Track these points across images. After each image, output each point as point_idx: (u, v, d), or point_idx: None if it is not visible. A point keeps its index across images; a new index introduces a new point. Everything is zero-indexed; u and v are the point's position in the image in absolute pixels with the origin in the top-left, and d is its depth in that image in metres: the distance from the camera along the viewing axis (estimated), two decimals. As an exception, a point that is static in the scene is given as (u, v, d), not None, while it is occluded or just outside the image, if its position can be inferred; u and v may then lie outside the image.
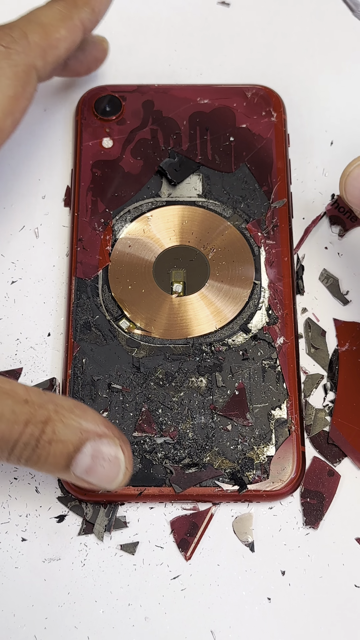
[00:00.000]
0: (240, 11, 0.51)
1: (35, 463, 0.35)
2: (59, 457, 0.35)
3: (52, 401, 0.35)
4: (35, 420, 0.35)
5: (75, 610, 0.38)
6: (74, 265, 0.44)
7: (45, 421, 0.35)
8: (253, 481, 0.39)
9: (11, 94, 0.38)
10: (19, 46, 0.38)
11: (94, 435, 0.35)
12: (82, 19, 0.41)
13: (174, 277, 0.43)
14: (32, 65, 0.39)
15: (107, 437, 0.35)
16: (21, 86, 0.38)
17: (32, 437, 0.35)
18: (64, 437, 0.35)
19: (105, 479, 0.35)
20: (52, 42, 0.39)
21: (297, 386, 0.41)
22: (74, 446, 0.35)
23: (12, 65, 0.38)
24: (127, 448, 0.36)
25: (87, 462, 0.35)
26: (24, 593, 0.38)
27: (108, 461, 0.35)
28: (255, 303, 0.43)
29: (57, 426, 0.35)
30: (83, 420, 0.35)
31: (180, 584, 0.38)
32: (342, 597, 0.38)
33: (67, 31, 0.40)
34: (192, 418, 0.40)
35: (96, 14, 0.41)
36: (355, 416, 0.41)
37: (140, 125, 0.47)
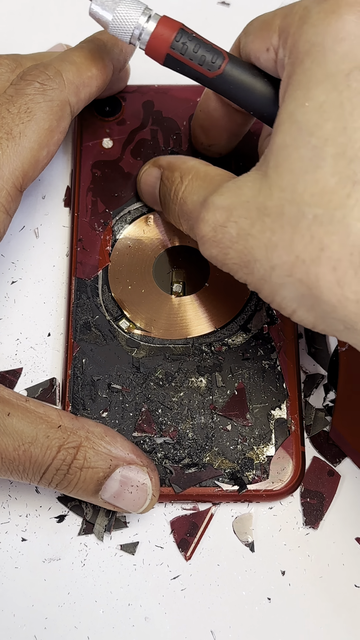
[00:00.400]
0: (240, 11, 0.51)
1: (64, 487, 0.37)
2: (89, 483, 0.37)
3: (84, 427, 0.37)
4: (67, 446, 0.36)
5: (75, 610, 0.38)
6: (74, 266, 0.44)
7: (77, 447, 0.36)
8: (253, 481, 0.39)
9: (47, 127, 0.40)
10: (54, 83, 0.40)
11: (123, 462, 0.37)
12: (112, 59, 0.43)
13: (174, 277, 0.43)
14: (66, 101, 0.41)
15: (136, 464, 0.37)
16: (56, 120, 0.40)
17: (64, 463, 0.36)
18: (95, 464, 0.36)
19: (132, 505, 0.37)
20: (85, 80, 0.41)
21: (297, 386, 0.41)
22: (103, 472, 0.37)
23: (48, 100, 0.40)
24: (155, 475, 0.38)
25: (115, 488, 0.37)
26: (24, 593, 0.38)
27: (136, 487, 0.37)
28: (255, 303, 0.43)
29: (89, 453, 0.37)
30: (113, 447, 0.37)
31: (180, 584, 0.38)
32: (342, 597, 0.38)
33: (98, 70, 0.42)
34: (191, 418, 0.40)
35: (124, 54, 0.43)
36: (355, 416, 0.41)
37: (140, 126, 0.47)
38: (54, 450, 0.36)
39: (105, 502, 0.37)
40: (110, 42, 0.43)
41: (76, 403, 0.41)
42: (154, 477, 0.37)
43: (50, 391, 0.42)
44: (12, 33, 0.51)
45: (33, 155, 0.40)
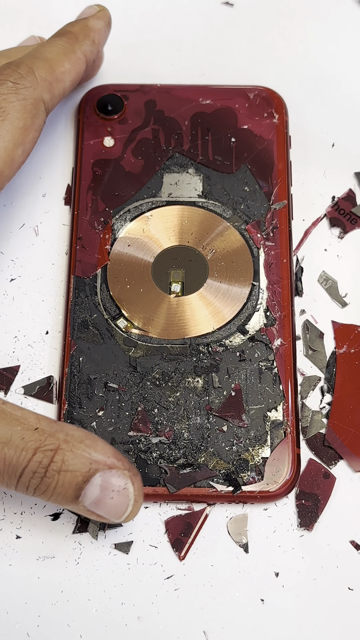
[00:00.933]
0: (244, 12, 0.51)
1: (43, 492, 0.35)
2: (68, 487, 0.35)
3: (63, 430, 0.36)
4: (44, 448, 0.35)
5: (69, 608, 0.38)
6: (72, 264, 0.44)
7: (55, 450, 0.35)
8: (248, 482, 0.39)
9: (21, 126, 0.40)
10: (26, 81, 0.41)
11: (103, 466, 0.35)
12: (84, 51, 0.43)
13: (172, 277, 0.43)
14: (40, 98, 0.41)
15: (117, 469, 0.35)
16: (30, 118, 0.41)
17: (40, 465, 0.35)
18: (73, 467, 0.35)
19: (114, 511, 0.36)
20: (58, 76, 0.42)
21: (293, 388, 0.41)
22: (83, 477, 0.35)
23: (21, 99, 0.40)
24: (138, 480, 0.36)
25: (95, 494, 0.35)
26: (18, 590, 0.38)
27: (117, 493, 0.35)
28: (254, 304, 0.43)
29: (67, 455, 0.35)
30: (93, 451, 0.35)
31: (174, 584, 0.38)
32: (336, 599, 0.38)
33: (71, 64, 0.42)
34: (187, 418, 0.40)
35: (96, 45, 0.44)
36: (352, 418, 0.41)
37: (141, 125, 0.47)
38: (29, 452, 0.35)
39: (86, 510, 0.36)
40: (83, 34, 0.43)
41: (73, 401, 0.41)
42: (136, 482, 0.36)
43: (47, 389, 0.42)
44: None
45: (8, 154, 0.40)
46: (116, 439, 0.40)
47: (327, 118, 0.48)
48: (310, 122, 0.48)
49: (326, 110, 0.48)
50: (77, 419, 0.40)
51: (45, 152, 0.47)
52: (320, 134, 0.48)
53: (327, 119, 0.48)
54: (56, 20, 0.47)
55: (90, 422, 0.40)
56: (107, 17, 0.45)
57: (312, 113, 0.48)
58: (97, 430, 0.40)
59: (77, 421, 0.40)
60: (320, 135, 0.47)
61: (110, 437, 0.40)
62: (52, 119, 0.48)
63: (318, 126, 0.48)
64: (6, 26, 0.51)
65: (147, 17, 0.51)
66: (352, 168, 0.47)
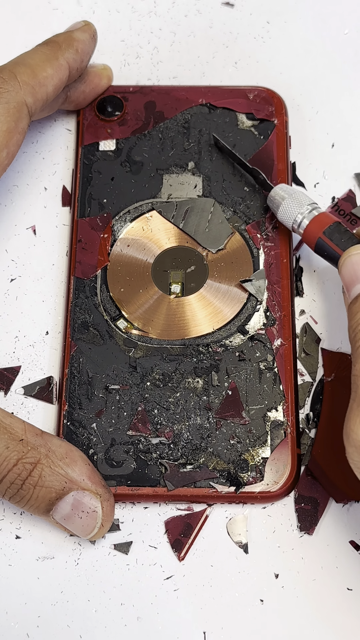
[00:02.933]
0: (244, 12, 0.51)
1: (17, 502, 0.37)
2: (41, 501, 0.37)
3: (46, 445, 0.37)
4: (25, 460, 0.37)
5: (68, 609, 0.38)
6: (73, 265, 0.44)
7: (35, 464, 0.37)
8: (248, 483, 0.39)
9: (4, 129, 0.41)
10: (9, 85, 0.41)
11: (77, 486, 0.37)
12: (67, 59, 0.43)
13: (172, 277, 0.43)
14: (22, 102, 0.42)
15: (90, 491, 0.37)
16: (14, 122, 0.41)
17: (18, 477, 0.36)
18: (49, 484, 0.37)
19: (81, 529, 0.38)
20: (41, 81, 0.42)
21: (293, 388, 0.41)
22: (56, 494, 0.37)
23: (4, 102, 0.41)
24: (108, 505, 0.38)
25: (66, 511, 0.37)
26: (17, 591, 0.38)
27: (86, 513, 0.37)
28: (253, 305, 0.43)
29: (45, 471, 0.37)
30: (70, 470, 0.37)
31: (174, 585, 0.38)
32: (335, 600, 0.38)
33: (54, 70, 0.43)
34: (187, 419, 0.40)
35: (80, 55, 0.44)
36: (335, 449, 0.40)
37: (141, 126, 0.47)
38: (11, 463, 0.36)
39: (56, 523, 0.38)
40: (66, 43, 0.44)
41: (73, 402, 0.41)
42: (105, 507, 0.37)
43: (47, 389, 0.42)
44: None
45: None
46: (116, 439, 0.40)
47: (327, 119, 0.48)
48: (310, 122, 0.48)
49: (326, 111, 0.48)
50: (77, 420, 0.40)
51: (46, 152, 0.47)
52: (320, 135, 0.48)
53: (327, 119, 0.48)
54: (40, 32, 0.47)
55: (90, 423, 0.40)
56: (92, 30, 0.45)
57: (312, 113, 0.48)
58: (97, 430, 0.40)
59: (77, 422, 0.40)
60: (320, 136, 0.47)
61: (110, 438, 0.40)
62: (52, 120, 0.48)
63: (318, 127, 0.48)
64: (5, 31, 0.51)
65: (148, 18, 0.51)
66: (352, 169, 0.47)
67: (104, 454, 0.40)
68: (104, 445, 0.40)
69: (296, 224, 0.42)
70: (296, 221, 0.42)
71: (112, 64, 0.49)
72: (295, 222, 0.42)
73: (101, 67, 0.47)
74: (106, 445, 0.40)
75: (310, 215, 0.41)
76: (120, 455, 0.40)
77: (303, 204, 0.42)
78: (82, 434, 0.40)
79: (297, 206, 0.42)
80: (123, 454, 0.40)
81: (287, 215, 0.42)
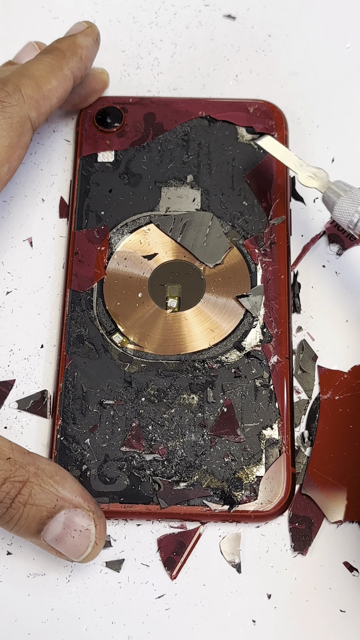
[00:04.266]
0: (246, 25, 0.51)
1: (6, 522, 0.36)
2: (31, 521, 0.36)
3: (34, 463, 0.36)
4: (13, 479, 0.36)
5: (59, 626, 0.38)
6: (69, 278, 0.43)
7: (24, 482, 0.36)
8: (242, 501, 0.39)
9: (7, 144, 0.40)
10: (13, 100, 0.41)
11: (69, 504, 0.36)
12: (72, 68, 0.43)
13: (169, 292, 0.43)
14: (26, 116, 0.41)
15: (82, 508, 0.36)
16: (16, 137, 0.41)
17: (7, 496, 0.35)
18: (39, 502, 0.36)
19: (73, 550, 0.36)
20: (45, 94, 0.42)
21: (289, 406, 0.41)
22: (48, 512, 0.36)
23: (7, 117, 0.40)
24: (101, 523, 0.37)
25: (58, 530, 0.36)
26: (7, 607, 0.38)
27: (79, 532, 0.36)
28: (250, 320, 0.42)
29: (34, 489, 0.36)
30: (61, 488, 0.36)
31: (165, 604, 0.38)
32: (328, 621, 0.38)
33: (58, 82, 0.42)
34: (182, 435, 0.40)
35: (84, 62, 0.44)
36: (331, 468, 0.40)
37: (140, 138, 0.46)
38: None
39: (46, 545, 0.36)
40: (70, 51, 0.43)
41: (67, 416, 0.40)
42: (99, 525, 0.37)
43: (41, 404, 0.42)
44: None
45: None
46: (110, 455, 0.40)
47: (327, 133, 0.48)
48: (311, 136, 0.48)
49: (326, 125, 0.48)
50: (70, 435, 0.40)
51: (44, 164, 0.47)
52: (321, 149, 0.47)
53: (328, 134, 0.48)
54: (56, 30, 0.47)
55: (84, 438, 0.40)
56: (95, 34, 0.44)
57: (312, 128, 0.48)
58: (91, 446, 0.40)
59: (70, 437, 0.40)
60: (320, 151, 0.47)
61: (104, 454, 0.40)
62: (51, 131, 0.48)
63: (318, 141, 0.47)
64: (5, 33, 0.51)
65: (149, 29, 0.50)
66: (352, 184, 0.46)
67: (97, 470, 0.39)
68: (97, 462, 0.40)
69: (352, 224, 0.40)
70: (352, 221, 0.40)
71: (112, 74, 0.48)
72: (352, 222, 0.40)
73: (99, 71, 0.47)
74: (99, 461, 0.40)
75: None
76: (113, 471, 0.39)
77: None
78: (75, 450, 0.40)
79: (355, 204, 0.39)
80: (116, 471, 0.39)
81: (344, 213, 0.40)
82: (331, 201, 0.40)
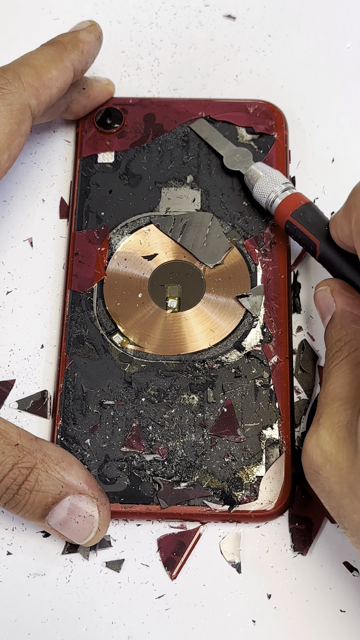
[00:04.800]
0: (246, 25, 0.51)
1: (12, 507, 0.37)
2: (37, 506, 0.36)
3: (41, 449, 0.37)
4: (21, 465, 0.36)
5: (59, 626, 0.38)
6: (69, 278, 0.43)
7: (31, 468, 0.36)
8: (242, 501, 0.39)
9: (7, 131, 0.40)
10: (13, 87, 0.41)
11: (74, 490, 0.37)
12: (72, 61, 0.43)
13: (169, 292, 0.43)
14: (26, 104, 0.41)
15: (86, 495, 0.37)
16: (16, 124, 0.41)
17: (14, 482, 0.36)
18: (45, 488, 0.36)
19: (76, 535, 0.37)
20: (45, 82, 0.42)
21: (289, 406, 0.41)
22: (53, 498, 0.36)
23: (7, 104, 0.40)
24: (105, 509, 0.37)
25: (62, 515, 0.37)
26: (8, 607, 0.38)
27: (82, 518, 0.37)
28: (250, 321, 0.42)
29: (41, 475, 0.36)
30: (66, 474, 0.37)
31: (165, 604, 0.38)
32: (328, 621, 0.38)
33: (58, 72, 0.42)
34: (182, 435, 0.40)
35: (85, 56, 0.44)
36: None
37: (140, 139, 0.46)
38: (6, 468, 0.36)
39: (50, 528, 0.37)
40: (71, 44, 0.43)
41: (67, 417, 0.40)
42: (102, 511, 0.37)
43: (42, 404, 0.42)
44: None
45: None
46: (110, 455, 0.40)
47: (327, 133, 0.48)
48: (311, 137, 0.48)
49: (327, 125, 0.48)
50: (70, 435, 0.40)
51: (44, 165, 0.47)
52: (321, 149, 0.47)
53: (328, 134, 0.48)
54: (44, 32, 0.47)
55: (84, 439, 0.40)
56: (98, 31, 0.45)
57: (313, 128, 0.48)
58: (91, 446, 0.40)
59: (70, 437, 0.40)
60: (321, 151, 0.47)
61: (104, 454, 0.40)
62: (51, 132, 0.48)
63: (318, 141, 0.47)
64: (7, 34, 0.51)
65: (149, 29, 0.51)
66: (352, 184, 0.46)
67: (97, 471, 0.39)
68: (98, 462, 0.40)
69: (269, 203, 0.42)
70: (269, 200, 0.42)
71: (112, 75, 0.49)
72: (268, 202, 0.42)
73: (105, 83, 0.47)
74: (100, 462, 0.40)
75: (283, 195, 0.42)
76: (113, 471, 0.39)
77: (277, 183, 0.42)
78: (75, 450, 0.40)
79: (271, 185, 0.42)
80: (117, 471, 0.39)
81: (262, 193, 0.43)
82: (251, 182, 0.43)
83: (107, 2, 0.51)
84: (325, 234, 0.40)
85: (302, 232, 0.41)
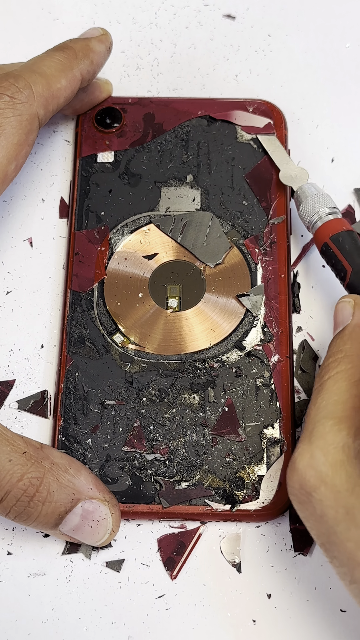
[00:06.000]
0: (245, 25, 0.51)
1: (24, 520, 0.36)
2: (50, 517, 0.36)
3: (48, 458, 0.36)
4: (30, 475, 0.35)
5: (59, 626, 0.38)
6: (69, 278, 0.43)
7: (41, 479, 0.35)
8: (243, 501, 0.39)
9: (15, 142, 0.40)
10: (24, 96, 0.41)
11: (85, 496, 0.36)
12: (82, 70, 0.43)
13: (169, 292, 0.43)
14: (35, 114, 0.41)
15: (97, 499, 0.37)
16: (25, 134, 0.41)
17: (25, 494, 0.35)
18: (57, 498, 0.36)
19: (90, 538, 0.37)
20: (54, 93, 0.42)
21: (290, 405, 0.41)
22: (65, 507, 0.36)
23: (17, 114, 0.40)
24: (116, 510, 0.37)
25: (75, 522, 0.36)
26: (8, 607, 0.38)
27: (96, 522, 0.37)
28: (251, 320, 0.42)
29: (52, 485, 0.36)
30: (76, 480, 0.36)
31: (165, 604, 0.38)
32: (328, 621, 0.38)
33: (68, 82, 0.42)
34: (183, 435, 0.40)
35: (94, 66, 0.44)
36: None
37: (140, 138, 0.46)
38: (15, 477, 0.35)
39: (62, 534, 0.37)
40: (82, 53, 0.43)
41: (68, 417, 0.40)
42: (115, 513, 0.37)
43: (42, 404, 0.42)
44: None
45: (2, 170, 0.40)
46: (111, 455, 0.40)
47: (327, 133, 0.48)
48: (310, 136, 0.48)
49: (326, 125, 0.48)
50: (72, 435, 0.40)
51: (43, 164, 0.47)
52: (320, 149, 0.47)
53: (327, 133, 0.48)
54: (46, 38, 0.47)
55: (86, 439, 0.40)
56: (109, 42, 0.45)
57: (312, 127, 0.48)
58: (92, 446, 0.40)
59: (72, 437, 0.40)
60: (320, 150, 0.47)
61: (106, 454, 0.40)
62: (50, 132, 0.48)
63: (318, 141, 0.47)
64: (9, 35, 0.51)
65: (148, 29, 0.51)
66: (352, 184, 0.46)
67: (98, 470, 0.39)
68: (99, 462, 0.40)
69: (311, 223, 0.42)
70: (312, 220, 0.42)
71: (111, 75, 0.49)
72: (311, 221, 0.42)
73: (104, 82, 0.47)
74: (101, 462, 0.40)
75: (326, 217, 0.42)
76: (115, 471, 0.39)
77: (324, 206, 0.42)
78: (77, 450, 0.40)
79: (318, 206, 0.42)
80: (118, 471, 0.39)
81: (307, 212, 0.42)
82: (300, 199, 0.43)
83: (107, 2, 0.51)
84: (359, 264, 0.40)
85: (336, 256, 0.40)
